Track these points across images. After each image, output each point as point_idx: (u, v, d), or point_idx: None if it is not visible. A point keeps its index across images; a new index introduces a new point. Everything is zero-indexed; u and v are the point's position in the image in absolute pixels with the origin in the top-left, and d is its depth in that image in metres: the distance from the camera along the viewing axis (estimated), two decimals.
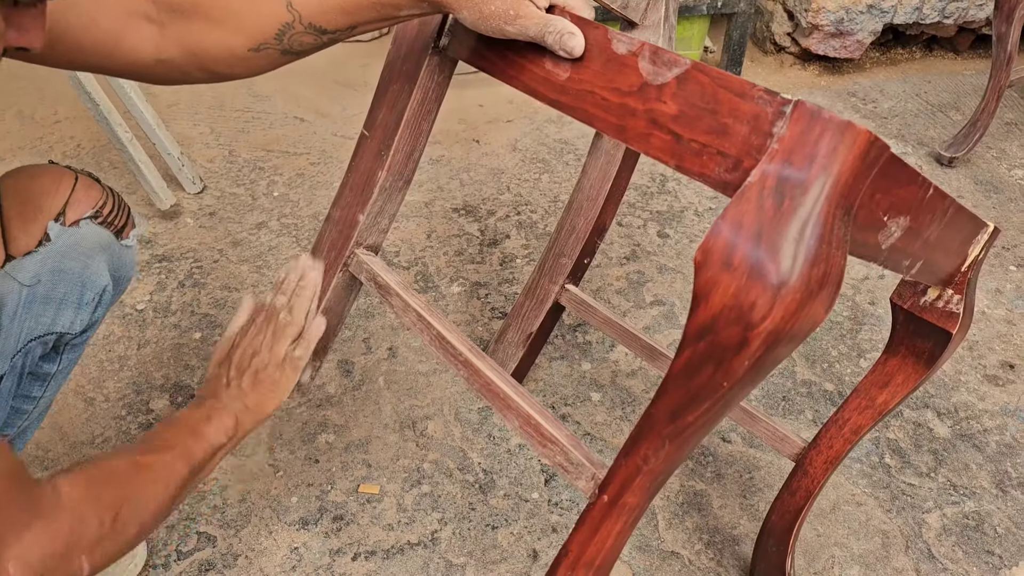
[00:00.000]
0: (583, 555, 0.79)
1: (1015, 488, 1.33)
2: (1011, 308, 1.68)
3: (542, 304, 1.34)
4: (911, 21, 2.38)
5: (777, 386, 1.48)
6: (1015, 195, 2.01)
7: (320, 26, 0.77)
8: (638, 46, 0.69)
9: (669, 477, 0.77)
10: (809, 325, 0.62)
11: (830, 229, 0.59)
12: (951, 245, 0.84)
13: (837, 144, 0.58)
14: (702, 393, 0.65)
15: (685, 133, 0.66)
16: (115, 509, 0.73)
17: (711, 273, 0.61)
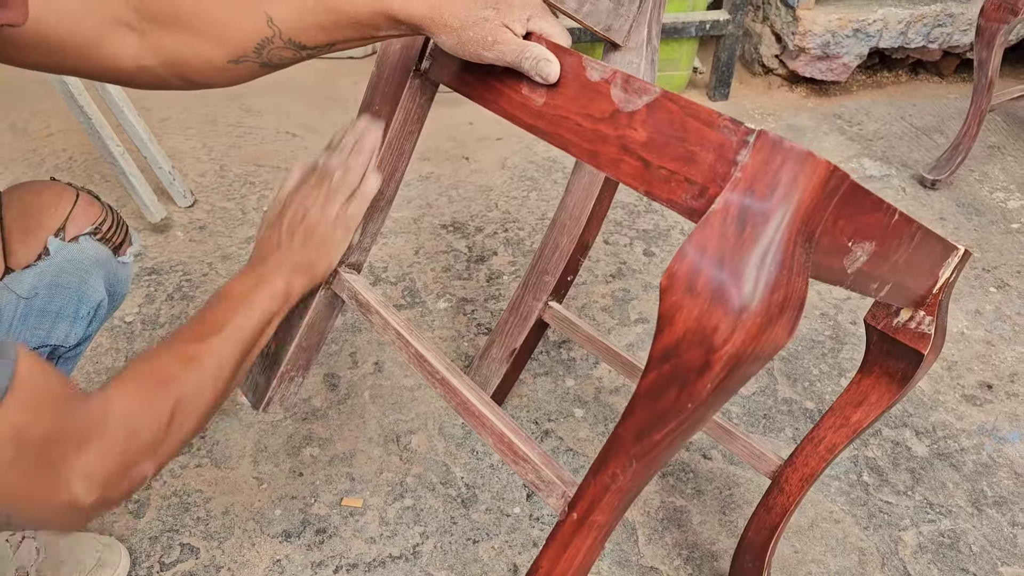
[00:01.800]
0: (553, 571, 0.80)
1: (991, 507, 1.35)
2: (990, 329, 1.71)
3: (526, 321, 1.36)
4: (896, 45, 2.42)
5: (758, 404, 1.50)
6: (996, 218, 2.04)
7: (299, 42, 0.79)
8: (611, 73, 0.71)
9: (637, 495, 0.78)
10: (771, 348, 0.63)
11: (791, 256, 0.61)
12: (921, 268, 0.86)
13: (798, 174, 0.60)
14: (668, 414, 0.67)
15: (654, 160, 0.68)
16: (169, 410, 0.74)
17: (675, 297, 0.62)
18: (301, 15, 0.77)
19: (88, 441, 0.66)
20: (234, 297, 0.85)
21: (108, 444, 0.68)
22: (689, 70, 2.46)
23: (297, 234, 0.89)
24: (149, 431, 0.71)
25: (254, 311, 0.84)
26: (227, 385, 0.81)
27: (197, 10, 0.78)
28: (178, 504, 1.27)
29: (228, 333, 0.81)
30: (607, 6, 1.11)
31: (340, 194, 0.90)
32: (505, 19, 0.75)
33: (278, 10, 0.77)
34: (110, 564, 1.16)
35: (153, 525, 1.24)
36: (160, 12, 0.78)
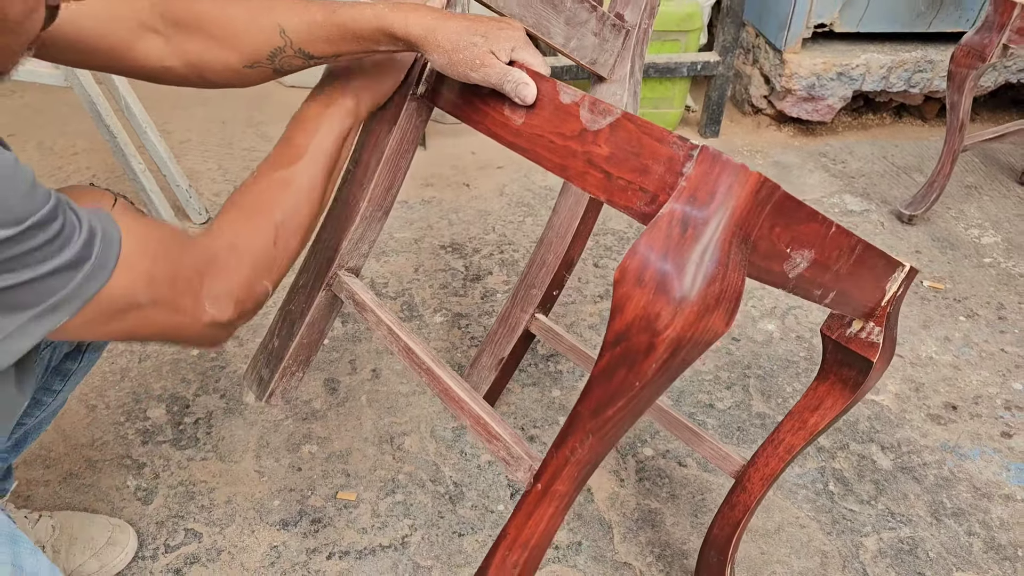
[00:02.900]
0: (519, 537, 0.89)
1: (949, 517, 1.43)
2: (958, 355, 1.80)
3: (513, 331, 1.46)
4: (879, 89, 2.54)
5: (733, 417, 1.59)
6: (969, 252, 2.14)
7: (308, 52, 0.88)
8: (580, 97, 0.82)
9: (595, 468, 0.86)
10: (710, 335, 0.72)
11: (727, 254, 0.70)
12: (866, 280, 0.94)
13: (732, 183, 0.70)
14: (618, 392, 0.76)
15: (615, 172, 0.78)
16: (273, 231, 0.82)
17: (626, 288, 0.72)
18: (310, 28, 0.87)
19: (209, 270, 0.76)
20: (310, 118, 0.91)
21: (226, 269, 0.78)
22: (682, 108, 2.58)
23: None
24: (259, 252, 0.81)
25: (332, 130, 0.91)
26: (320, 201, 0.89)
27: (218, 20, 0.88)
28: (184, 493, 1.36)
29: (312, 154, 0.88)
30: (592, 42, 1.22)
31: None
32: (492, 46, 0.86)
33: (290, 23, 0.87)
34: (119, 543, 1.25)
35: (160, 511, 1.33)
36: (184, 20, 0.88)
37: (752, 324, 1.84)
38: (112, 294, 0.69)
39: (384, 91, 0.97)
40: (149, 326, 0.74)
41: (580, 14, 1.16)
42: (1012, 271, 2.08)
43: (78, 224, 0.66)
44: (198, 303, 0.76)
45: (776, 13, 2.48)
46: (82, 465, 1.39)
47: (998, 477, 1.51)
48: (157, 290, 0.72)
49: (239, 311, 0.79)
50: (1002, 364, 1.78)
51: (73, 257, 0.65)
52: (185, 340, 0.79)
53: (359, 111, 0.95)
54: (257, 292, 0.81)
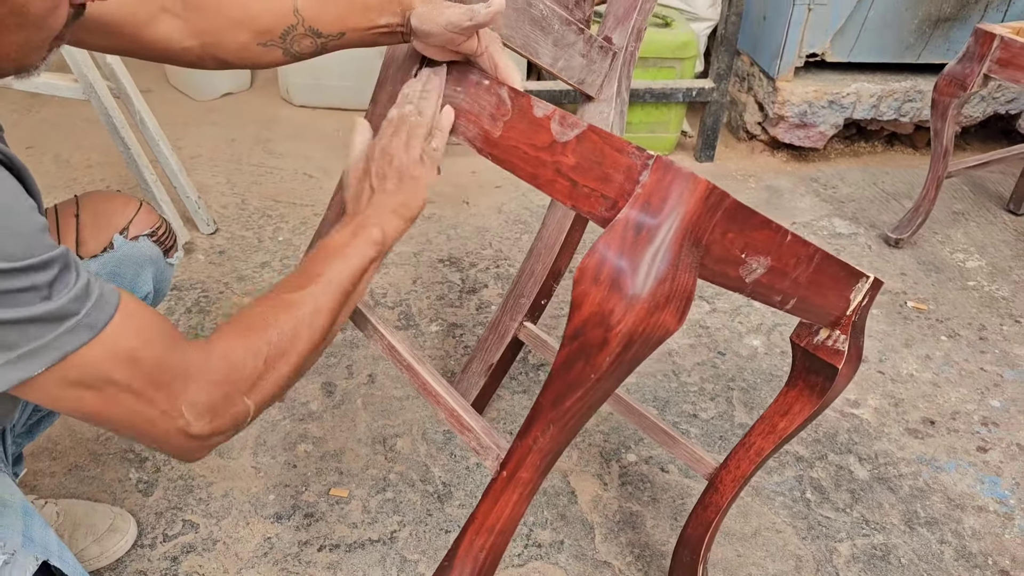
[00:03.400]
0: (486, 521, 0.93)
1: (922, 526, 1.47)
2: (937, 372, 1.85)
3: (503, 338, 1.52)
4: (869, 117, 2.61)
5: (716, 427, 1.64)
6: (953, 275, 2.19)
7: (317, 29, 0.96)
8: (551, 111, 0.88)
9: (557, 457, 0.91)
10: (661, 332, 0.78)
11: (678, 256, 0.76)
12: (828, 288, 0.99)
13: (683, 190, 0.76)
14: (576, 383, 0.81)
15: (580, 180, 0.84)
16: (265, 351, 0.79)
17: (583, 286, 0.77)
18: (322, 4, 0.95)
19: (193, 375, 0.74)
20: (332, 248, 0.90)
21: (211, 378, 0.75)
22: (677, 133, 2.66)
23: (389, 179, 0.94)
24: (247, 368, 0.77)
25: (351, 260, 0.89)
26: (324, 330, 0.86)
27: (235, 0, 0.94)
28: (183, 486, 1.42)
29: (324, 282, 0.86)
30: (580, 62, 1.29)
31: (420, 132, 0.96)
32: None
33: (302, 0, 0.95)
34: (120, 531, 1.30)
35: (160, 503, 1.39)
36: (200, 2, 0.93)
37: (738, 339, 1.89)
38: (89, 359, 0.68)
39: (414, 213, 0.96)
40: (119, 410, 0.72)
41: (568, 36, 1.23)
42: (995, 294, 2.13)
43: (75, 280, 0.67)
44: (174, 404, 0.73)
45: (769, 42, 2.57)
46: (87, 458, 1.46)
47: (972, 489, 1.56)
48: (136, 374, 0.70)
49: (215, 426, 0.76)
50: (981, 382, 1.83)
51: (59, 308, 0.65)
52: (156, 440, 0.76)
53: (385, 240, 0.93)
54: (237, 410, 0.78)
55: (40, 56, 0.74)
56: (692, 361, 1.82)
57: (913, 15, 2.52)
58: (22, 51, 0.71)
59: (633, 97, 2.46)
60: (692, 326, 1.92)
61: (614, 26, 1.33)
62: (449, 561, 0.98)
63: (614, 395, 1.37)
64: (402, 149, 0.94)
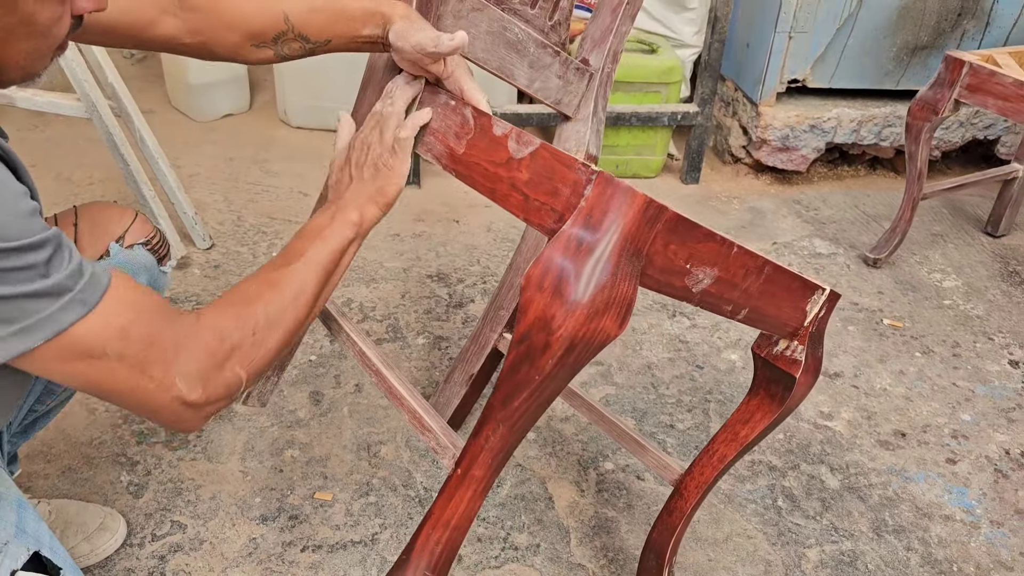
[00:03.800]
0: (442, 517, 0.97)
1: (890, 534, 1.52)
2: (910, 387, 1.90)
3: (483, 349, 1.57)
4: (850, 141, 2.68)
5: (692, 437, 1.69)
6: (930, 295, 2.25)
7: (306, 35, 1.04)
8: (509, 130, 0.93)
9: (508, 456, 0.95)
10: (602, 336, 0.82)
11: (617, 266, 0.81)
12: (782, 300, 1.02)
13: (622, 203, 0.81)
14: (522, 384, 0.85)
15: (532, 194, 0.89)
16: (253, 323, 0.85)
17: (529, 293, 0.82)
18: (311, 13, 1.03)
19: (184, 345, 0.79)
20: (313, 230, 0.96)
21: (202, 346, 0.80)
22: (664, 156, 2.73)
23: (366, 167, 1.01)
24: (236, 338, 0.83)
25: (330, 241, 0.95)
26: (308, 306, 0.92)
27: (230, 4, 1.02)
28: (172, 489, 1.47)
29: (307, 259, 0.93)
30: (556, 84, 1.35)
31: (392, 123, 1.03)
32: None
33: (293, 10, 1.03)
34: (110, 529, 1.35)
35: (149, 504, 1.44)
36: (199, 4, 1.02)
37: (717, 354, 1.95)
38: (84, 333, 0.72)
39: (390, 199, 1.02)
40: (114, 381, 0.76)
41: (543, 59, 1.29)
42: (970, 313, 2.19)
43: (68, 259, 0.72)
44: (167, 374, 0.77)
45: (752, 69, 2.65)
46: (80, 461, 1.51)
47: (940, 499, 1.60)
48: (129, 346, 0.75)
49: (208, 393, 0.81)
50: (952, 397, 1.88)
51: (55, 285, 0.70)
52: (152, 411, 0.80)
53: (362, 223, 0.99)
54: (228, 378, 0.83)
55: (44, 64, 0.80)
56: (671, 374, 1.87)
57: (891, 43, 2.60)
58: (30, 58, 0.77)
59: (620, 120, 2.53)
60: (672, 340, 1.98)
61: (591, 48, 1.39)
62: (407, 555, 1.02)
63: (587, 405, 1.42)
64: (377, 140, 1.02)
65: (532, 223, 0.89)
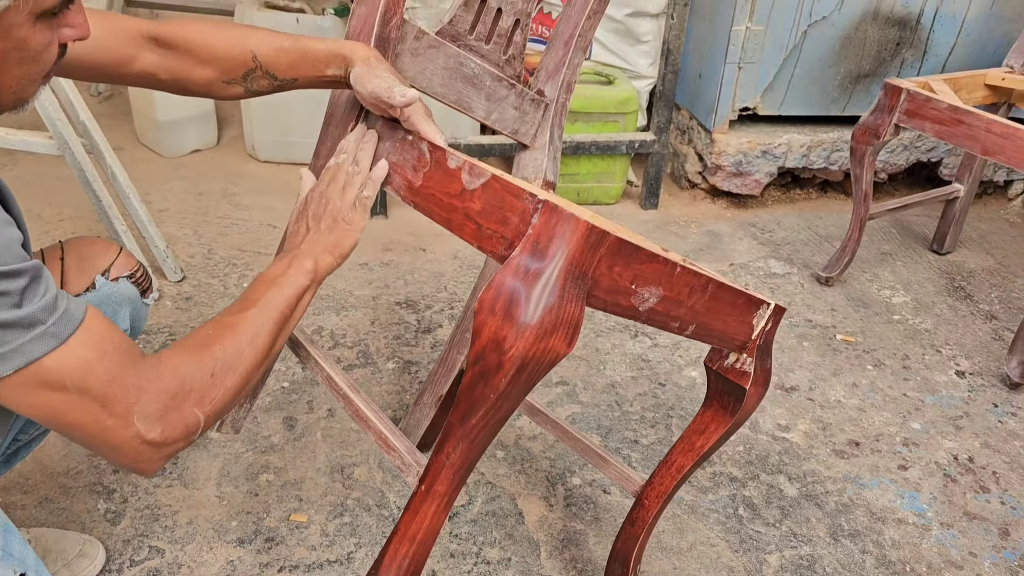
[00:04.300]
0: (408, 532, 1.01)
1: (846, 538, 1.58)
2: (863, 399, 1.98)
3: (451, 371, 1.62)
4: (801, 166, 2.80)
5: (656, 451, 1.75)
6: (880, 310, 2.35)
7: (273, 73, 1.11)
8: (462, 162, 0.98)
9: (469, 471, 0.99)
10: (551, 355, 0.87)
11: (563, 288, 0.86)
12: (728, 315, 1.07)
13: (566, 230, 0.86)
14: (478, 403, 0.90)
15: (484, 223, 0.94)
16: (211, 366, 0.88)
17: (482, 316, 0.87)
18: (278, 53, 1.10)
19: (145, 386, 0.81)
20: (269, 277, 1.00)
21: (162, 388, 0.83)
22: (623, 183, 2.82)
23: (323, 220, 1.05)
24: (196, 381, 0.86)
25: (285, 288, 0.99)
26: (264, 349, 0.95)
27: (202, 45, 1.09)
28: (149, 515, 1.49)
29: (262, 305, 0.96)
30: (513, 115, 1.42)
31: (356, 181, 1.07)
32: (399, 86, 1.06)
33: (261, 49, 1.10)
34: (89, 556, 1.38)
35: (127, 530, 1.46)
36: (173, 44, 1.08)
37: (678, 371, 2.02)
38: (51, 366, 0.75)
39: (345, 252, 1.06)
40: (75, 415, 0.78)
41: (499, 91, 1.37)
42: (918, 327, 2.29)
43: (44, 291, 0.75)
44: (128, 412, 0.80)
45: (705, 98, 2.76)
46: (57, 491, 1.53)
47: (893, 504, 1.68)
48: (91, 382, 0.77)
49: (167, 434, 0.83)
50: (903, 407, 1.97)
51: (27, 316, 0.72)
52: (112, 448, 0.82)
53: (318, 271, 1.03)
54: (187, 419, 0.85)
55: (34, 89, 0.85)
56: (634, 392, 1.93)
57: (836, 72, 2.73)
58: (22, 83, 0.82)
59: (580, 149, 2.62)
60: (635, 359, 2.04)
61: (546, 79, 1.46)
62: (375, 570, 1.05)
63: (553, 423, 1.47)
64: (337, 195, 1.06)
65: (485, 251, 0.94)
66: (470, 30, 1.30)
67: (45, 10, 0.77)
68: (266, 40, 1.11)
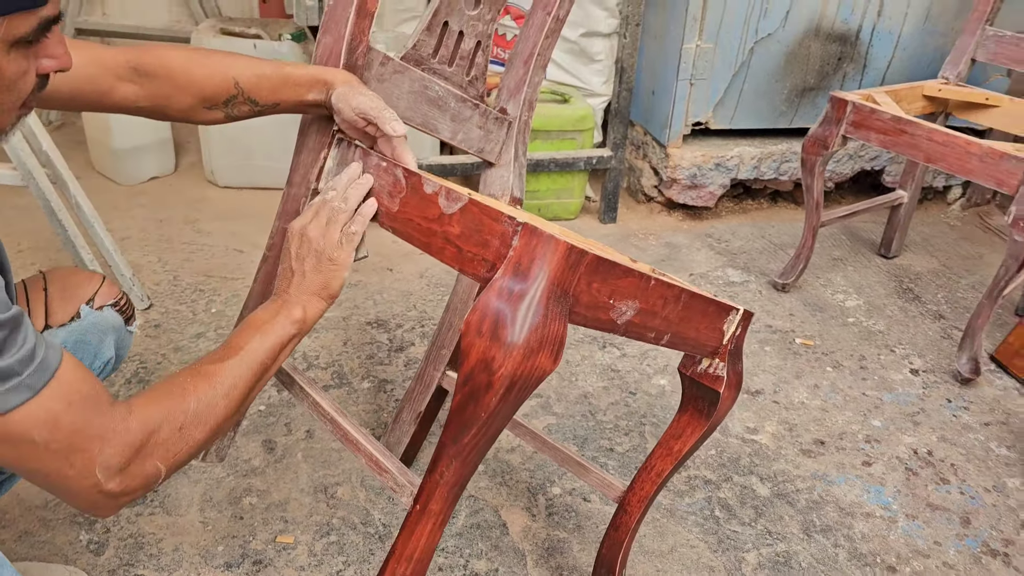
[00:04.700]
0: (404, 551, 1.03)
1: (818, 533, 1.65)
2: (825, 399, 2.06)
3: (428, 388, 1.64)
4: (752, 177, 2.89)
5: (631, 459, 1.80)
6: (836, 314, 2.44)
7: (255, 99, 1.12)
8: (439, 187, 1.00)
9: (462, 489, 1.01)
10: (539, 372, 0.90)
11: (546, 308, 0.89)
12: (700, 323, 1.11)
13: (547, 251, 0.89)
14: (470, 422, 0.92)
15: (464, 247, 0.96)
16: (181, 419, 0.86)
17: (469, 338, 0.89)
18: (259, 79, 1.12)
19: (110, 437, 0.81)
20: (255, 324, 0.99)
21: (127, 441, 0.82)
22: (582, 198, 2.88)
23: (307, 260, 1.03)
24: (162, 434, 0.85)
25: (269, 337, 0.98)
26: (239, 400, 0.94)
27: (183, 73, 1.10)
28: (133, 544, 1.48)
29: (243, 356, 0.94)
30: (478, 134, 1.45)
31: (341, 218, 1.04)
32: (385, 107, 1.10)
33: (242, 76, 1.12)
34: None
35: (111, 560, 1.45)
36: (154, 72, 1.09)
37: (647, 380, 2.07)
38: (19, 419, 0.75)
39: (334, 293, 1.05)
40: (37, 463, 0.78)
41: (464, 112, 1.39)
42: (872, 328, 2.38)
43: (22, 342, 0.75)
44: (89, 464, 0.79)
45: (659, 114, 2.84)
46: (36, 524, 1.51)
47: (860, 498, 1.75)
48: (56, 435, 0.77)
49: (125, 486, 0.83)
50: (863, 406, 2.05)
51: (6, 368, 0.73)
52: (68, 494, 0.82)
53: (306, 320, 1.02)
54: (148, 472, 0.84)
55: (9, 119, 0.83)
56: (607, 402, 1.98)
57: (783, 86, 2.84)
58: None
59: (539, 166, 2.67)
60: (605, 370, 2.09)
61: (507, 98, 1.50)
62: None
63: (531, 434, 1.49)
64: (320, 233, 1.03)
65: (467, 273, 0.96)
66: (433, 54, 1.33)
67: (19, 38, 0.76)
68: (247, 67, 1.14)
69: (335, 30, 1.21)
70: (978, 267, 2.81)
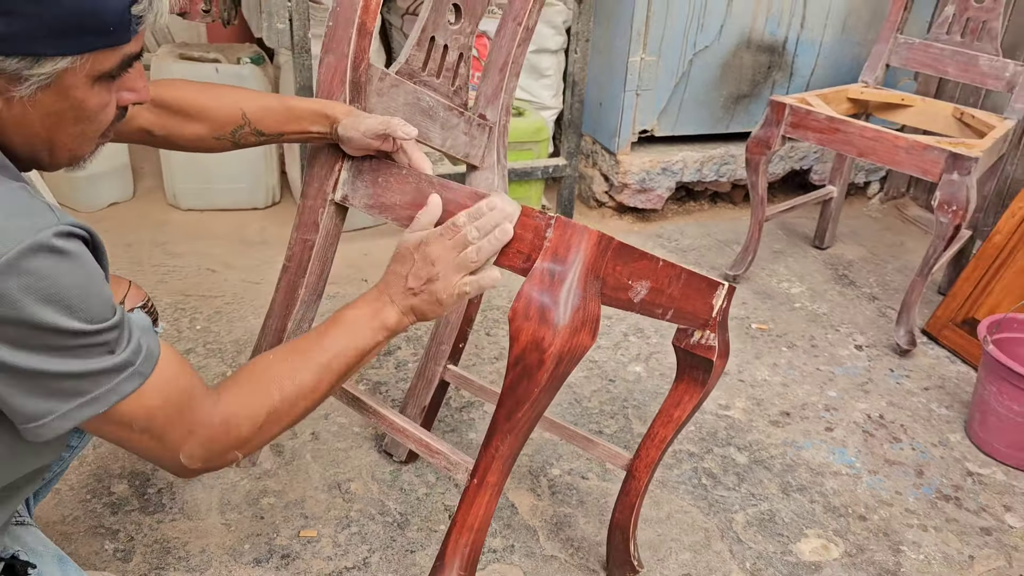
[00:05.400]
0: (466, 522, 1.14)
1: (795, 492, 1.80)
2: (785, 376, 2.23)
3: (431, 383, 1.73)
4: (696, 180, 3.09)
5: (620, 439, 1.92)
6: (783, 300, 2.64)
7: (260, 130, 1.22)
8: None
9: (515, 460, 1.13)
10: (581, 349, 1.02)
11: (584, 289, 1.01)
12: (695, 298, 1.23)
13: (581, 240, 1.01)
14: (523, 398, 1.04)
15: None
16: (263, 418, 0.94)
17: (518, 322, 1.01)
18: (265, 112, 1.22)
19: (197, 431, 0.90)
20: (349, 321, 1.03)
21: (211, 435, 0.91)
22: (539, 207, 3.02)
23: (424, 287, 1.03)
24: (244, 430, 0.94)
25: (362, 340, 1.02)
26: (317, 403, 1.00)
27: (195, 105, 1.19)
28: (160, 549, 1.52)
29: (333, 355, 0.99)
30: (464, 140, 1.55)
31: (467, 268, 1.03)
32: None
33: (249, 108, 1.21)
34: None
35: (140, 566, 1.48)
36: (169, 103, 1.18)
37: (623, 368, 2.21)
38: (123, 411, 0.83)
39: (422, 319, 1.07)
40: (134, 444, 0.88)
41: (451, 120, 1.50)
42: (817, 312, 2.59)
43: (130, 336, 0.82)
44: (176, 448, 0.89)
45: (608, 124, 3.01)
46: (57, 539, 1.53)
47: (827, 459, 1.92)
48: (151, 425, 0.85)
49: (206, 467, 0.94)
50: (818, 379, 2.23)
51: (121, 360, 0.80)
52: (156, 462, 0.93)
53: (397, 330, 1.05)
54: (227, 460, 0.95)
55: (90, 148, 0.89)
56: (589, 389, 2.10)
57: (719, 95, 3.05)
58: (77, 142, 0.86)
59: None
60: (584, 362, 2.22)
61: (486, 104, 1.61)
62: (441, 560, 1.16)
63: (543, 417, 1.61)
64: (447, 273, 1.02)
65: (503, 265, 1.07)
66: (423, 67, 1.44)
67: (103, 72, 0.81)
68: (253, 100, 1.24)
69: (338, 50, 1.31)
70: (901, 253, 3.07)
